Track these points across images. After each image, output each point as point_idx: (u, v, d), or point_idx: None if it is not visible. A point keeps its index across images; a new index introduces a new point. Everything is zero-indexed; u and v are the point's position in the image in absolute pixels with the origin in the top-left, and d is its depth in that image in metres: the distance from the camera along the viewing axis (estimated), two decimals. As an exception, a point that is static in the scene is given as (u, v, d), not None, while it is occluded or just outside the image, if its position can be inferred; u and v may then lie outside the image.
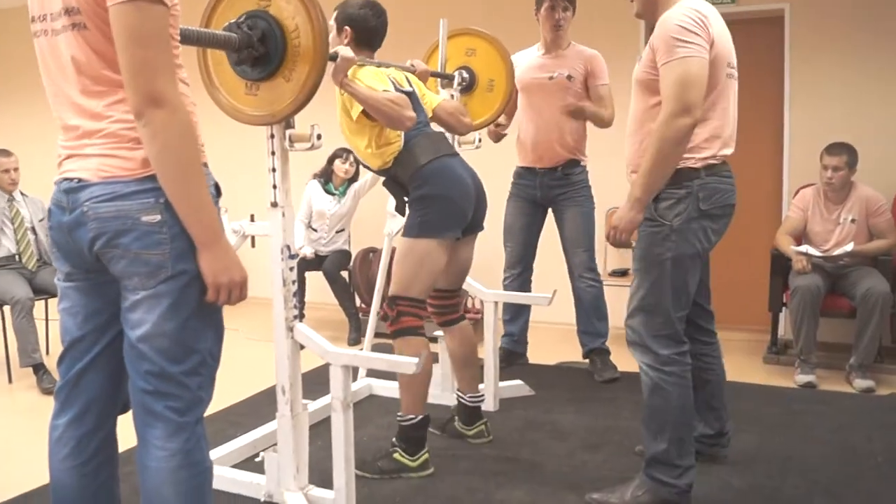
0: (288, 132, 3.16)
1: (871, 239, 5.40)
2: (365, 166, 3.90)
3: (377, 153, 3.72)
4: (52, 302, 5.90)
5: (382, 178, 3.89)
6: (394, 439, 3.75)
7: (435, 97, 4.02)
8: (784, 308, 5.58)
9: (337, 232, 6.84)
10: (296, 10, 2.86)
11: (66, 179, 2.17)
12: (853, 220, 5.40)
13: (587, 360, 5.38)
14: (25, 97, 9.15)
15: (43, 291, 5.65)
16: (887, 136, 5.95)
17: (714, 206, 3.15)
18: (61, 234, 2.21)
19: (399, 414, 3.73)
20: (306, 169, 6.71)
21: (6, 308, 5.46)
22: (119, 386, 2.34)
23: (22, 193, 5.91)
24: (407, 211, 3.77)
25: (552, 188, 5.25)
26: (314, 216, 6.80)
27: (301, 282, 6.47)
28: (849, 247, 5.30)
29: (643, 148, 3.12)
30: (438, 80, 4.63)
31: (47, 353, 5.94)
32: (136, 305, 2.12)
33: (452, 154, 3.79)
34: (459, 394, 4.12)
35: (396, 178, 3.76)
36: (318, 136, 3.14)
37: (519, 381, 4.91)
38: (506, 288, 5.37)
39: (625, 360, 5.63)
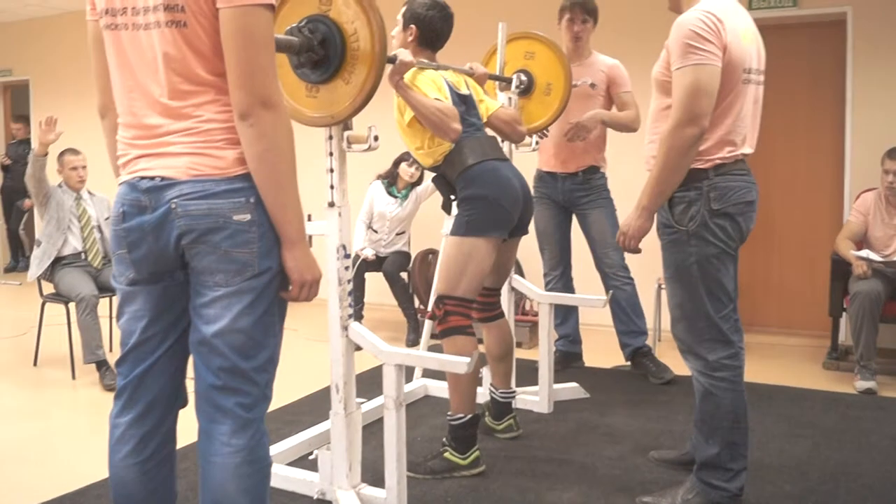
0: (346, 133, 3.23)
1: (933, 244, 5.31)
2: (417, 163, 3.97)
3: (428, 153, 3.77)
4: (116, 300, 6.01)
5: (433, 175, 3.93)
6: (444, 439, 3.79)
7: (492, 103, 4.04)
8: (844, 313, 5.51)
9: (397, 234, 6.86)
10: (355, 14, 2.93)
11: (144, 178, 2.16)
12: (915, 226, 5.32)
13: (629, 363, 5.41)
14: (92, 96, 9.37)
15: (108, 289, 5.75)
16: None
17: (728, 205, 3.09)
18: (139, 234, 2.20)
19: (448, 413, 3.76)
20: (364, 168, 6.75)
21: (72, 305, 5.57)
22: (180, 384, 2.40)
23: (89, 192, 6.02)
24: (454, 210, 3.81)
25: (573, 191, 5.34)
26: (375, 217, 6.81)
27: (361, 282, 6.53)
28: (911, 251, 5.23)
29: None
30: (496, 82, 4.65)
31: (110, 350, 6.05)
32: (215, 301, 2.16)
33: (502, 158, 3.81)
34: (492, 389, 4.18)
35: (445, 177, 3.81)
36: (376, 138, 3.20)
37: (574, 384, 4.92)
38: (549, 290, 5.41)
39: (672, 363, 5.63)
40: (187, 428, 2.31)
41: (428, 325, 4.94)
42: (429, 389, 4.95)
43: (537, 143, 4.91)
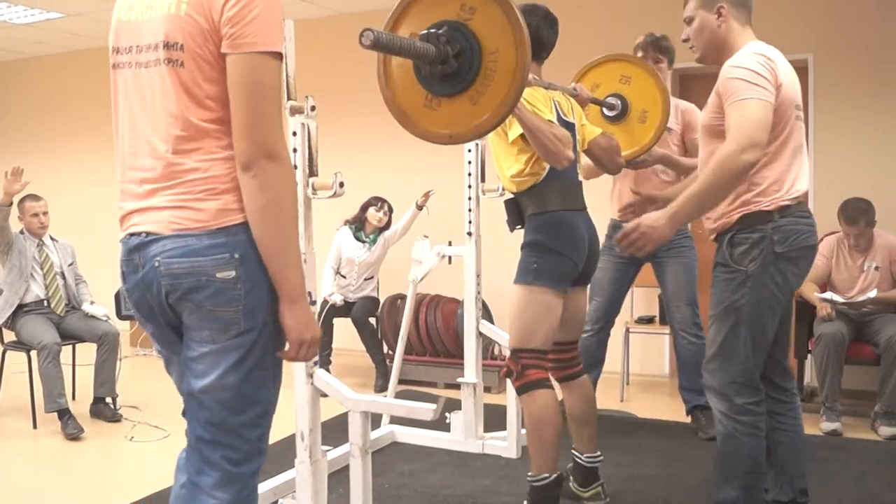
0: (311, 180, 3.18)
1: (894, 286, 5.38)
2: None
3: (518, 179, 3.59)
4: (80, 347, 5.97)
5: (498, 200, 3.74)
6: (524, 502, 3.62)
7: (593, 129, 3.84)
8: (809, 355, 5.54)
9: (365, 279, 6.82)
10: (500, 33, 2.67)
11: (132, 235, 2.13)
12: (877, 268, 5.38)
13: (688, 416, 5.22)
14: (56, 143, 9.36)
15: (70, 336, 5.70)
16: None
17: (791, 248, 3.05)
18: (139, 294, 2.17)
19: (529, 475, 3.56)
20: (332, 214, 6.73)
21: (33, 353, 5.49)
22: None
23: (52, 238, 5.97)
24: (520, 255, 3.64)
25: None
26: (343, 263, 6.77)
27: (329, 328, 6.50)
28: (872, 293, 5.27)
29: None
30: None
31: (73, 398, 5.96)
32: (202, 357, 2.11)
33: (580, 208, 3.65)
34: (576, 453, 3.85)
35: (519, 206, 3.65)
36: (341, 184, 3.11)
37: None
38: (583, 341, 4.98)
39: (642, 406, 5.63)
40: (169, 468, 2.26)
41: (395, 371, 4.92)
42: (396, 436, 4.91)
43: (501, 193, 4.45)
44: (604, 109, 4.44)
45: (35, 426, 5.51)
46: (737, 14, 3.17)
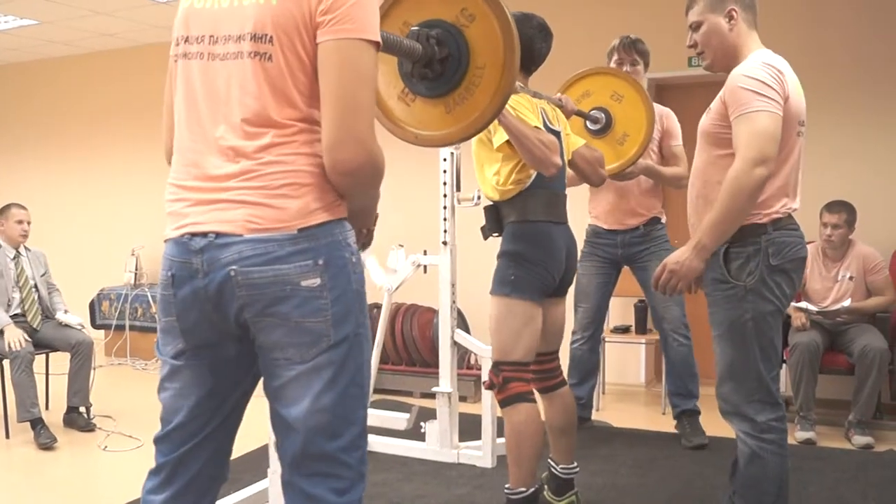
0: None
1: (868, 296, 5.43)
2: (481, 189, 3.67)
3: (501, 187, 3.53)
4: (53, 356, 5.93)
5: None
6: None
7: (577, 140, 3.80)
8: (784, 364, 5.56)
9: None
10: (492, 50, 2.57)
11: (195, 235, 1.96)
12: (851, 278, 5.42)
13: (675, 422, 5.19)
14: (31, 150, 9.31)
15: (44, 345, 5.67)
16: (884, 196, 5.99)
17: (785, 261, 3.01)
18: (192, 302, 2.00)
19: (507, 486, 3.53)
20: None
21: (6, 362, 5.44)
22: (224, 463, 2.22)
23: (26, 248, 5.93)
24: (496, 264, 3.58)
25: (633, 245, 5.08)
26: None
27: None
28: (846, 302, 5.31)
29: (705, 199, 3.07)
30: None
31: (47, 407, 5.92)
32: (292, 382, 1.97)
33: (560, 221, 3.59)
34: (552, 463, 3.81)
35: (499, 213, 3.59)
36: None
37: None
38: (575, 350, 5.19)
39: (617, 416, 5.63)
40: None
41: (371, 379, 4.90)
42: (371, 445, 4.88)
43: (477, 202, 4.46)
44: (587, 122, 4.44)
45: (7, 436, 5.46)
46: (746, 17, 3.09)
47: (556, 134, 3.57)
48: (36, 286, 5.83)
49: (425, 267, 5.04)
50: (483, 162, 3.60)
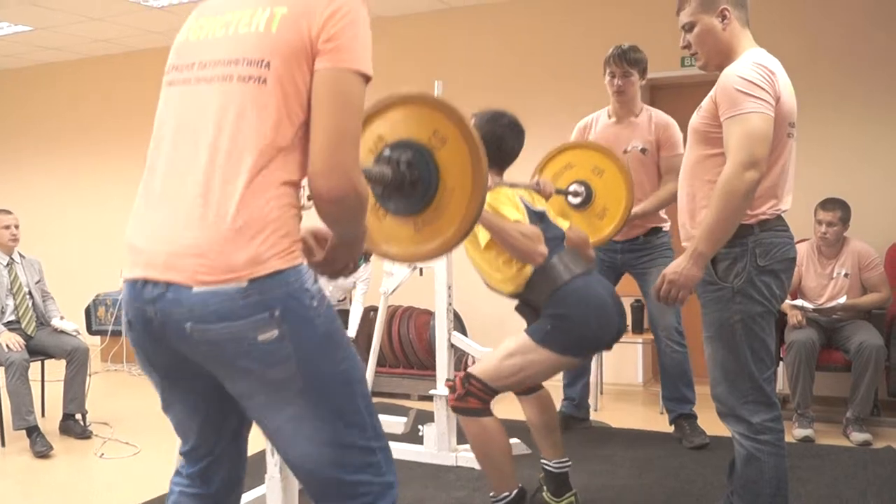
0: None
1: (864, 293, 5.44)
2: (495, 290, 3.60)
3: (508, 278, 3.48)
4: (48, 364, 5.90)
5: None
6: None
7: (562, 224, 3.68)
8: (781, 362, 5.57)
9: (339, 300, 6.84)
10: (461, 177, 2.48)
11: (148, 282, 1.90)
12: (846, 275, 5.43)
13: (672, 426, 5.17)
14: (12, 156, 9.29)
15: (39, 352, 5.64)
16: (878, 192, 6.01)
17: (773, 261, 2.98)
18: (155, 346, 1.97)
19: (491, 495, 3.55)
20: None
21: (1, 370, 5.42)
22: (244, 464, 2.29)
23: (20, 254, 5.91)
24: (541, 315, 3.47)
25: (633, 252, 5.09)
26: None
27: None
28: (842, 299, 5.32)
29: (693, 197, 3.06)
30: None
31: (42, 415, 5.90)
32: (281, 428, 1.96)
33: (588, 272, 3.50)
34: (544, 461, 3.81)
35: (529, 303, 3.52)
36: (309, 198, 3.04)
37: (516, 440, 4.88)
38: None
39: (615, 416, 5.62)
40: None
41: (369, 382, 4.89)
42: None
43: (422, 272, 4.57)
44: (569, 198, 4.48)
45: (3, 444, 5.44)
46: (738, 15, 3.07)
47: (541, 214, 3.55)
48: (30, 293, 5.81)
49: (421, 269, 5.04)
50: (480, 263, 3.57)
